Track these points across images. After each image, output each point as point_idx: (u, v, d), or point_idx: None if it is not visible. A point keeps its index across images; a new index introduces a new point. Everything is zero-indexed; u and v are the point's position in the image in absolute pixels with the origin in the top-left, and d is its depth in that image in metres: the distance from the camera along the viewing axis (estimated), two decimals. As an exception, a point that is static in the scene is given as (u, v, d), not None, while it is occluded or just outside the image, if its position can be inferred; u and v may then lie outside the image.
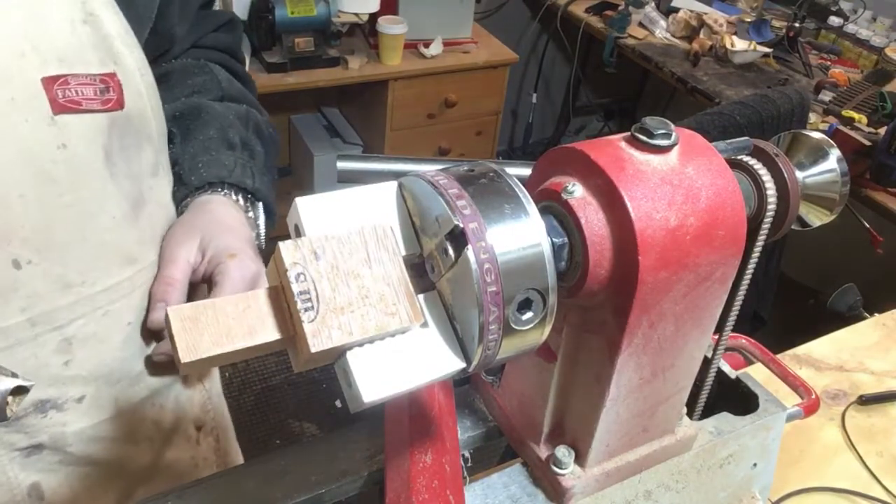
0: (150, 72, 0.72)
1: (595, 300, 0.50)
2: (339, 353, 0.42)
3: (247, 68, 2.23)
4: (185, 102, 0.83)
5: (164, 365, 0.78)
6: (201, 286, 0.76)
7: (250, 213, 0.84)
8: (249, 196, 0.84)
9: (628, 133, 0.50)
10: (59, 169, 0.64)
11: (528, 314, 0.43)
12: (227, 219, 0.79)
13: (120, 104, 0.67)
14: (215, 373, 0.97)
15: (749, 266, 0.59)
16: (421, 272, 0.45)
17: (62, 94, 0.63)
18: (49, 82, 0.62)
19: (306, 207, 0.43)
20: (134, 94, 0.69)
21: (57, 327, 0.69)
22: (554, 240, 0.47)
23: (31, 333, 0.68)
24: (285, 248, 0.41)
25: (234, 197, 0.82)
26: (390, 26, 2.36)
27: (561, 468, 0.58)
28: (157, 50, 0.81)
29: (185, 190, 0.80)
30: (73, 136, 0.64)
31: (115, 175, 0.70)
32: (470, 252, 0.41)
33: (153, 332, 0.77)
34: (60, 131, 0.63)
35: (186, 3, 0.83)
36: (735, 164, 0.59)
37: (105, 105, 0.66)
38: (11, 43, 0.60)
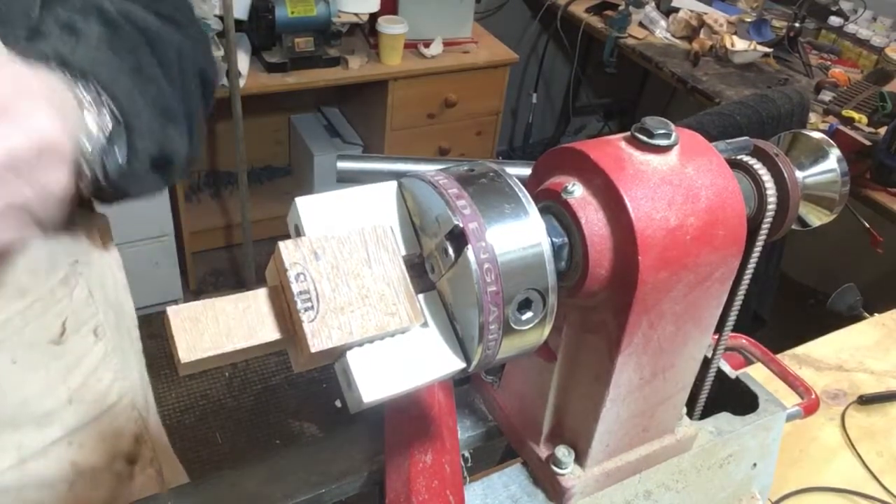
0: None
1: (595, 300, 0.50)
2: (339, 353, 0.42)
3: (246, 68, 2.23)
4: None
5: None
6: None
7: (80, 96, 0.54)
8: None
9: (628, 133, 0.50)
10: None
11: (528, 314, 0.43)
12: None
13: None
14: (151, 398, 0.89)
15: (749, 266, 0.59)
16: (421, 272, 0.45)
17: None
18: None
19: (306, 207, 0.43)
20: None
21: None
22: (554, 240, 0.47)
23: None
24: (285, 248, 0.41)
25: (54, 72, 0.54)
26: (390, 26, 2.36)
27: (561, 468, 0.58)
28: None
29: None
30: None
31: None
32: (470, 252, 0.41)
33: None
34: None
35: None
36: (735, 164, 0.59)
37: None
38: None
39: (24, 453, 0.71)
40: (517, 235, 0.42)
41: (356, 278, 0.42)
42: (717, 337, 0.64)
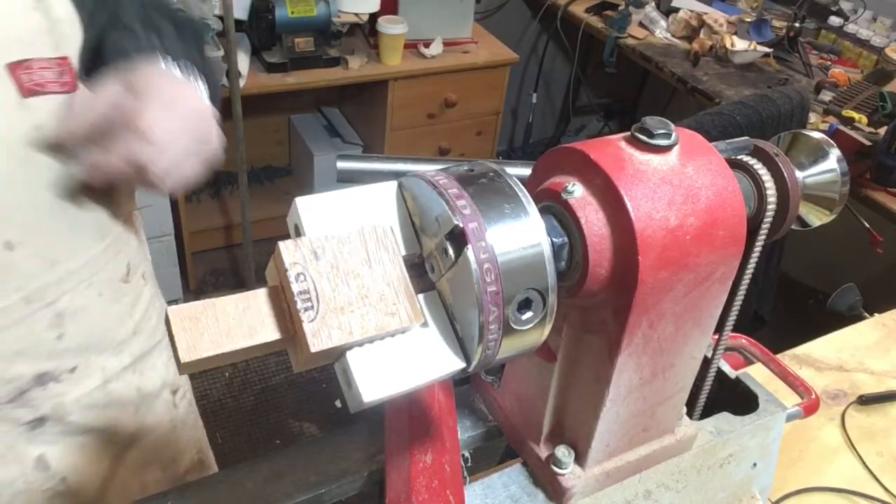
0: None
1: (595, 300, 0.50)
2: (339, 353, 0.42)
3: (246, 68, 2.24)
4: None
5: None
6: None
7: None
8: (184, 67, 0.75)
9: (628, 133, 0.50)
10: (37, 151, 0.67)
11: (528, 314, 0.43)
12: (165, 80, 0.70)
13: (74, 86, 0.69)
14: None
15: (749, 266, 0.59)
16: (421, 272, 0.45)
17: (28, 79, 0.65)
18: (14, 67, 0.64)
19: (306, 207, 0.43)
20: (78, 77, 0.71)
21: (49, 303, 0.74)
22: (554, 240, 0.47)
23: (26, 311, 0.72)
24: (285, 248, 0.41)
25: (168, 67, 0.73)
26: (390, 26, 2.36)
27: (561, 468, 0.58)
28: None
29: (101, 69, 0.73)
30: (44, 117, 0.67)
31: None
32: (470, 252, 0.41)
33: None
34: (32, 114, 0.66)
35: None
36: (735, 164, 0.59)
37: (63, 87, 0.68)
38: None
39: (107, 375, 0.85)
40: (517, 235, 0.42)
41: (356, 278, 0.42)
42: (717, 337, 0.64)
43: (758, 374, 0.76)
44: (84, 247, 0.76)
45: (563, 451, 0.58)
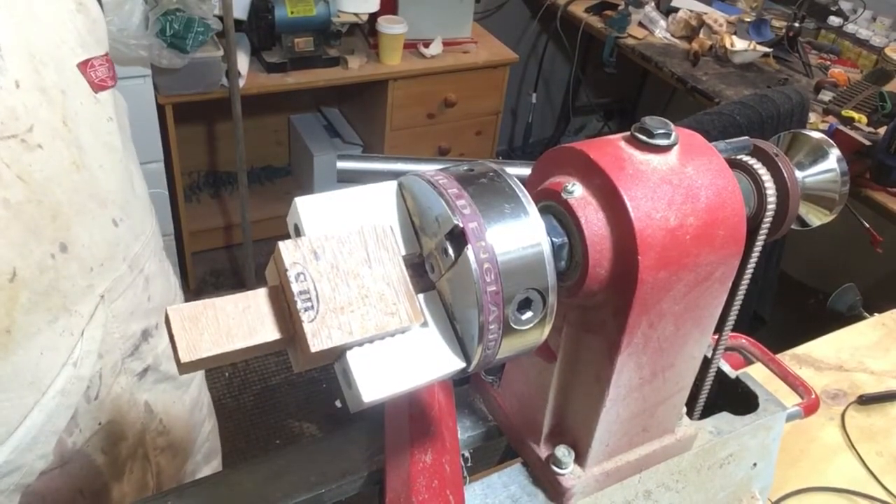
0: None
1: (595, 300, 0.50)
2: (339, 353, 0.42)
3: (246, 68, 2.24)
4: None
5: None
6: None
7: None
8: None
9: (628, 133, 0.50)
10: (115, 139, 0.77)
11: (528, 314, 0.43)
12: None
13: (115, 80, 0.78)
14: None
15: (749, 266, 0.59)
16: (421, 272, 0.45)
17: (94, 75, 0.73)
18: (82, 66, 0.72)
19: (306, 207, 0.43)
20: None
21: (140, 270, 0.86)
22: (554, 239, 0.47)
23: (130, 278, 0.84)
24: (285, 247, 0.41)
25: None
26: (390, 26, 2.36)
27: (561, 468, 0.58)
28: None
29: None
30: (112, 109, 0.76)
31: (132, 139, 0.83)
32: (469, 252, 0.41)
33: None
34: (103, 107, 0.75)
35: None
36: (735, 164, 0.59)
37: (112, 82, 0.77)
38: (48, 34, 0.68)
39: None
40: (517, 235, 0.42)
41: (356, 278, 0.42)
42: (717, 337, 0.64)
43: (758, 374, 0.76)
44: (149, 220, 0.90)
45: (563, 451, 0.58)
